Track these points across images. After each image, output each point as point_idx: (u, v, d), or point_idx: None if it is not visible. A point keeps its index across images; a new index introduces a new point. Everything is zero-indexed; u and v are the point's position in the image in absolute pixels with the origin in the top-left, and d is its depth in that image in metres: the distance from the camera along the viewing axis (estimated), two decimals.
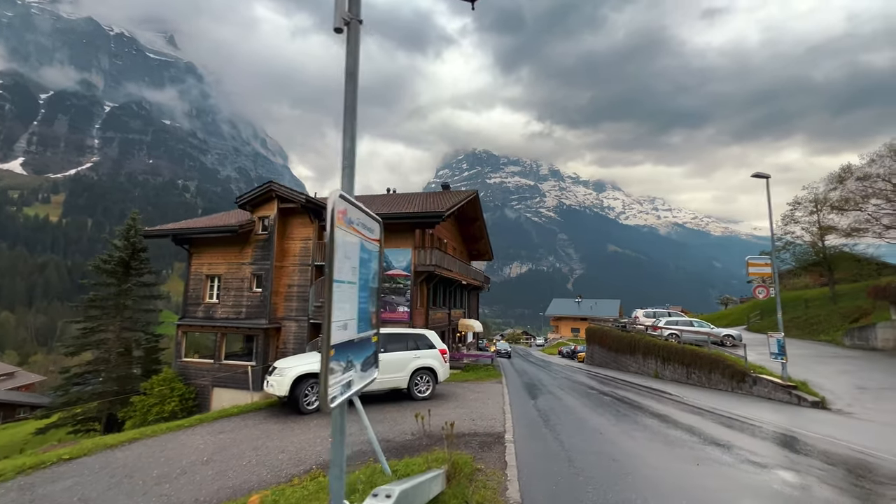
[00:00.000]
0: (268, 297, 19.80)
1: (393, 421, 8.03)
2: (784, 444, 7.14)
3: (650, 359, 20.98)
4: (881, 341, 19.61)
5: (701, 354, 16.19)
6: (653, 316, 26.57)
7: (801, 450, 6.69)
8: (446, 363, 10.90)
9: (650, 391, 14.43)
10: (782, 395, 11.54)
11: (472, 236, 33.57)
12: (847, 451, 6.67)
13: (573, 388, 14.53)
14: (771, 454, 6.33)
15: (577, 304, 79.47)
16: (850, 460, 6.16)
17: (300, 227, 21.01)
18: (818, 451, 6.62)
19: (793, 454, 6.44)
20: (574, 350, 44.53)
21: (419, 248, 21.03)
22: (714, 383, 14.97)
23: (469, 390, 12.26)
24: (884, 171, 26.98)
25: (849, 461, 6.11)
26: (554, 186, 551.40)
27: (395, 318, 20.39)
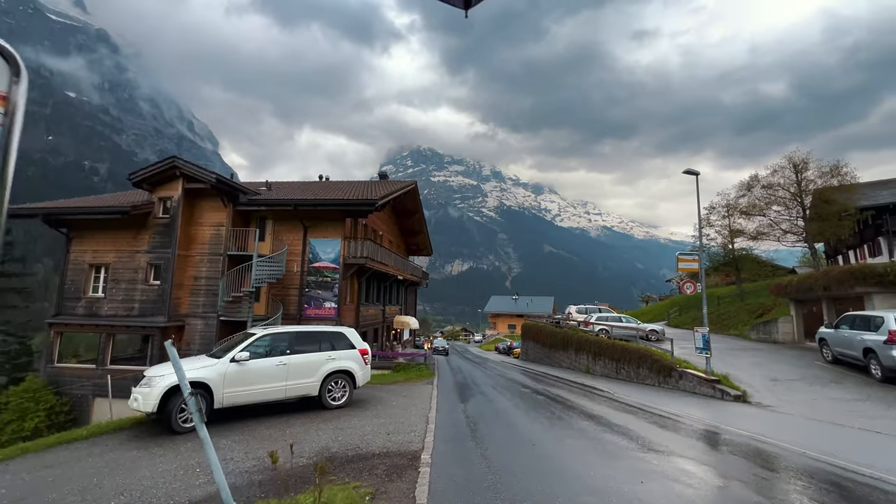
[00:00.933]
0: (167, 291, 17.07)
1: (291, 439, 6.59)
2: (719, 445, 6.77)
3: (582, 354, 21.13)
4: (781, 335, 21.34)
5: (630, 349, 16.35)
6: (585, 312, 27.13)
7: (736, 451, 6.30)
8: (367, 365, 9.58)
9: (582, 388, 14.17)
10: (707, 390, 11.66)
11: (411, 230, 32.31)
12: (776, 450, 6.39)
13: (507, 388, 13.86)
14: (711, 461, 5.83)
15: (514, 301, 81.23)
16: (780, 460, 5.84)
17: (211, 211, 18.44)
18: (751, 451, 6.27)
19: (730, 457, 6.00)
20: (510, 346, 44.95)
21: (350, 239, 19.38)
22: (642, 378, 15.10)
23: (395, 394, 11.05)
24: (783, 181, 29.82)
25: (778, 461, 5.77)
26: (496, 187, 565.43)
27: (322, 315, 18.61)
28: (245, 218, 19.44)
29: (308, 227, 19.35)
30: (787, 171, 29.63)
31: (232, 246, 18.21)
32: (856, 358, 12.57)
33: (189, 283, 18.00)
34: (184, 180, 17.63)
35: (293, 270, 19.13)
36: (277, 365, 8.21)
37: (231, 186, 18.16)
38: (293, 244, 19.32)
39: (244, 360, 7.83)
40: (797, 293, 19.36)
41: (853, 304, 16.21)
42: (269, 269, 17.68)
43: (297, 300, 18.87)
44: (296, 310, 18.75)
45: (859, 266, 15.55)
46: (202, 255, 18.19)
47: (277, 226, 19.60)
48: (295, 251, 19.24)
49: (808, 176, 28.87)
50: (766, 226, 30.77)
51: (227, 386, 7.61)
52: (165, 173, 17.59)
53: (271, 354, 8.34)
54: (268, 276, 17.63)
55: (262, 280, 17.39)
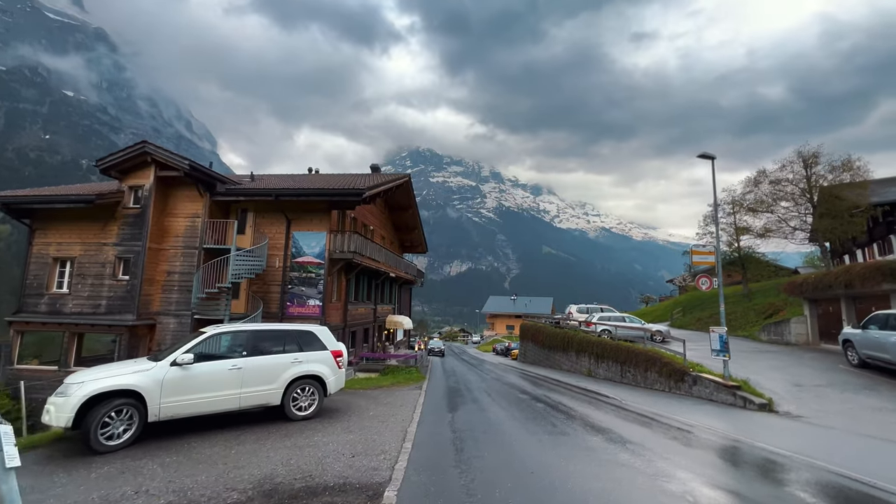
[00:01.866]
0: (137, 287, 15.77)
1: (234, 462, 5.33)
2: (766, 471, 5.52)
3: (583, 356, 19.89)
4: (794, 336, 20.13)
5: (636, 352, 15.11)
6: (586, 312, 25.89)
7: (789, 481, 5.06)
8: (342, 368, 8.31)
9: (586, 393, 12.92)
10: (726, 397, 10.41)
11: (405, 226, 31.04)
12: (838, 478, 5.15)
13: (503, 393, 12.59)
14: (763, 496, 4.58)
15: (512, 302, 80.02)
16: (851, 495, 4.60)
17: (186, 201, 17.15)
18: (811, 482, 5.03)
19: (784, 490, 4.76)
20: (508, 347, 43.72)
21: (336, 233, 18.11)
22: (650, 382, 13.85)
23: (376, 401, 9.78)
24: (793, 177, 28.66)
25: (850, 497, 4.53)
26: (494, 188, 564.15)
27: (306, 314, 17.33)
28: (224, 209, 18.16)
29: (291, 220, 18.08)
30: (797, 166, 28.48)
31: (209, 238, 16.91)
32: (889, 361, 11.36)
33: (161, 279, 16.70)
34: (156, 167, 16.34)
35: (275, 266, 17.85)
36: (230, 369, 6.94)
37: (208, 175, 16.88)
38: (275, 237, 18.04)
39: (188, 364, 6.56)
40: (813, 292, 18.15)
41: (877, 303, 15.00)
42: (248, 263, 16.41)
43: (279, 297, 17.59)
44: (278, 307, 17.47)
45: (887, 261, 14.35)
46: (176, 249, 16.90)
47: (259, 218, 18.32)
48: (277, 245, 17.97)
49: (819, 171, 27.74)
50: (773, 222, 29.63)
51: (167, 395, 6.34)
52: (135, 159, 16.30)
53: (224, 357, 7.07)
54: (247, 270, 16.36)
55: (240, 275, 16.12)
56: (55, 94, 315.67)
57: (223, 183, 17.57)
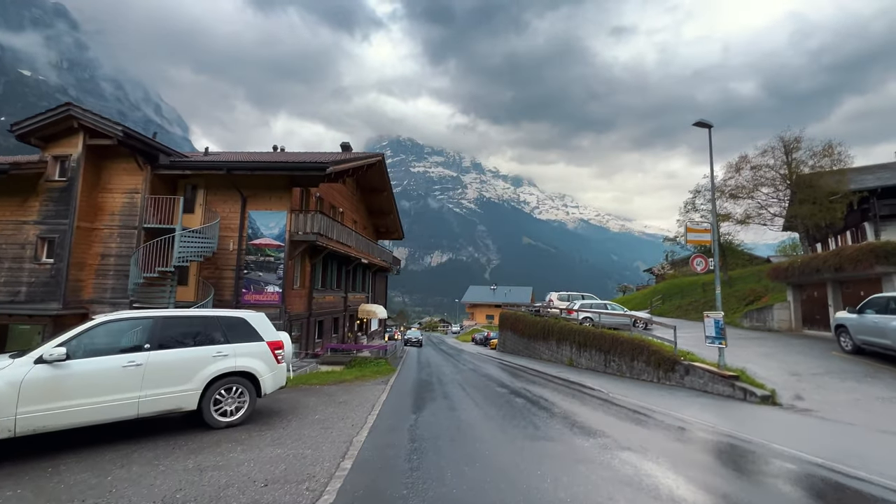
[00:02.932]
0: (63, 271, 13.77)
1: (104, 493, 3.84)
2: (805, 487, 4.40)
3: (565, 345, 18.92)
4: (777, 322, 19.67)
5: (622, 340, 14.12)
6: (567, 299, 24.99)
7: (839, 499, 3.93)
8: (281, 363, 6.83)
9: (569, 385, 11.82)
10: (722, 388, 9.43)
11: (380, 210, 29.37)
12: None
13: (479, 387, 11.35)
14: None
15: (492, 291, 79.37)
16: None
17: (123, 174, 15.13)
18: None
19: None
20: (487, 337, 42.84)
21: (298, 212, 16.42)
22: (637, 373, 12.88)
23: (329, 400, 8.34)
24: (773, 162, 28.30)
25: None
26: (475, 179, 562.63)
27: (263, 302, 15.66)
28: (170, 185, 16.19)
29: (248, 198, 16.26)
30: (778, 152, 28.14)
31: (151, 217, 14.96)
32: (888, 347, 10.63)
33: (94, 262, 14.71)
34: (85, 134, 14.24)
35: (228, 248, 16.06)
36: (125, 366, 5.38)
37: (148, 144, 14.85)
38: (229, 217, 16.22)
39: (59, 361, 4.97)
40: (799, 276, 17.58)
41: (866, 287, 14.41)
42: (195, 244, 14.59)
43: (233, 283, 15.84)
44: (232, 295, 15.73)
45: (881, 243, 13.71)
46: (112, 229, 14.90)
47: (210, 195, 16.43)
48: (231, 226, 16.16)
49: (800, 157, 27.46)
50: (754, 209, 29.33)
51: (27, 402, 4.75)
52: (60, 125, 14.13)
53: (119, 351, 5.50)
54: (194, 252, 14.55)
55: (186, 258, 14.30)
56: (10, 73, 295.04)
57: (168, 155, 15.58)
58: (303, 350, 17.33)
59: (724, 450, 5.61)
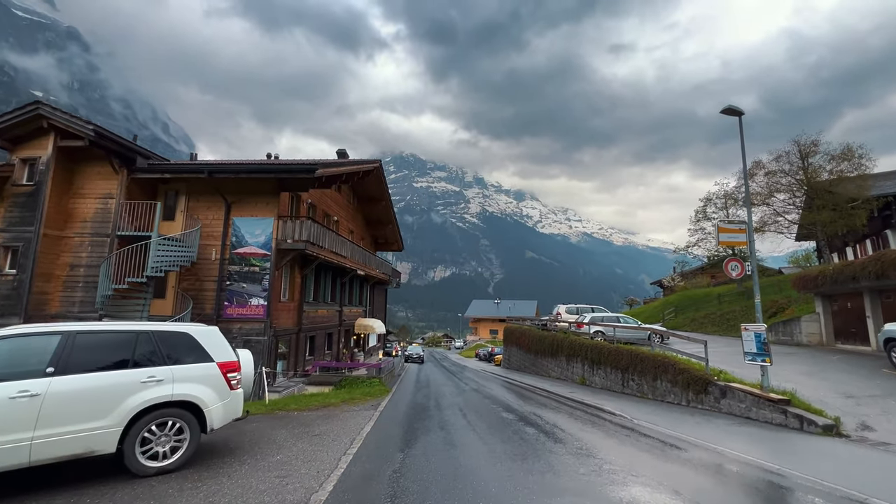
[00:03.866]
0: (26, 283, 12.58)
1: None
2: None
3: (576, 362, 17.42)
4: (806, 336, 18.13)
5: (642, 356, 12.66)
6: (576, 312, 23.51)
7: None
8: (237, 389, 5.51)
9: (585, 409, 10.37)
10: (771, 414, 7.98)
11: (377, 220, 28.24)
12: None
13: (482, 412, 9.92)
14: None
15: (496, 306, 77.68)
16: None
17: (97, 178, 14.07)
18: None
19: None
20: (491, 353, 41.18)
21: (285, 219, 15.24)
22: (661, 394, 11.39)
23: (302, 432, 6.96)
24: (789, 167, 27.09)
25: None
26: (478, 194, 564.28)
27: (247, 315, 14.39)
28: (150, 192, 15.10)
29: (232, 204, 15.13)
30: (793, 156, 26.96)
31: (126, 224, 13.82)
32: None
33: (63, 274, 13.53)
34: (56, 135, 13.23)
35: (210, 258, 14.85)
36: (14, 398, 4.09)
37: (123, 146, 13.81)
38: (212, 225, 15.06)
39: None
40: (831, 286, 16.13)
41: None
42: (172, 252, 13.40)
43: (214, 296, 14.58)
44: (213, 308, 14.45)
45: None
46: (83, 237, 13.76)
47: (193, 202, 15.31)
48: (214, 233, 14.98)
49: (817, 161, 26.24)
50: (769, 216, 27.98)
51: None
52: (28, 125, 13.14)
53: (11, 377, 4.21)
54: (170, 262, 13.34)
55: (161, 267, 13.08)
56: (22, 93, 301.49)
57: (146, 158, 14.53)
58: (290, 369, 15.94)
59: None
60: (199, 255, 14.61)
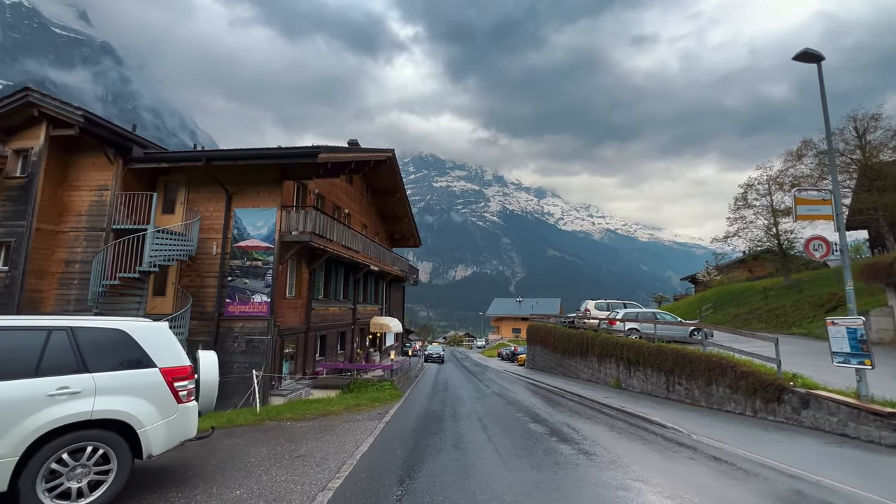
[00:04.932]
0: (19, 280, 11.88)
1: None
2: None
3: (609, 362, 15.74)
4: (876, 332, 15.84)
5: (691, 357, 10.93)
6: (606, 308, 21.69)
7: None
8: (188, 402, 4.27)
9: (627, 419, 8.78)
10: (880, 432, 6.24)
11: (392, 214, 27.07)
12: None
13: (505, 424, 8.46)
14: None
15: (518, 304, 75.74)
16: None
17: (92, 169, 13.31)
18: None
19: None
20: (514, 352, 39.52)
21: (289, 209, 14.16)
22: (718, 401, 9.67)
23: (280, 453, 5.70)
24: (843, 146, 24.44)
25: None
26: (498, 192, 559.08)
27: (250, 313, 13.38)
28: (149, 184, 14.27)
29: (233, 194, 14.15)
30: (848, 134, 24.30)
31: (123, 217, 13.00)
32: None
33: (58, 270, 12.82)
34: (48, 124, 12.50)
35: (211, 252, 13.91)
36: None
37: (117, 134, 12.99)
38: (213, 217, 14.12)
39: None
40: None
41: None
42: (169, 245, 12.49)
43: (215, 293, 13.63)
44: (214, 306, 13.49)
45: None
46: (78, 231, 13.02)
47: (193, 193, 14.42)
48: (215, 226, 14.03)
49: (878, 138, 23.54)
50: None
51: None
52: (19, 114, 12.45)
53: None
54: (168, 255, 12.43)
55: (156, 262, 12.17)
56: None
57: (143, 147, 13.70)
58: (298, 370, 14.87)
59: None
60: (199, 249, 13.71)
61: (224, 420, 7.42)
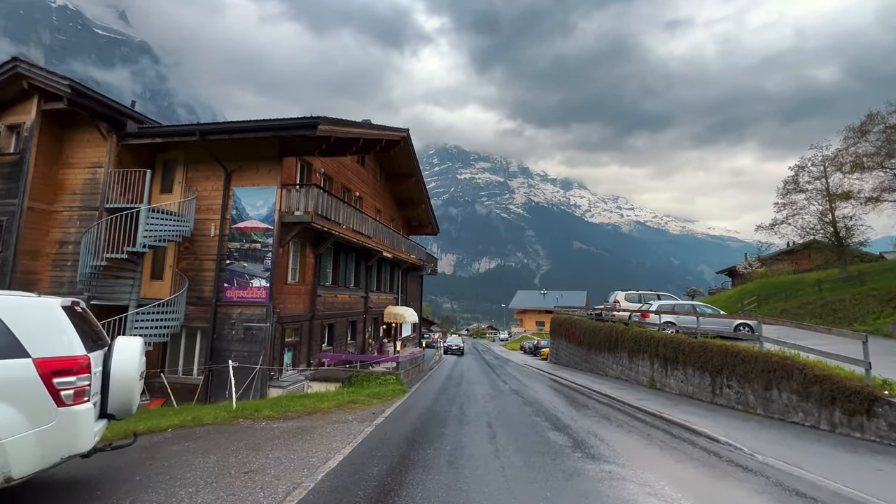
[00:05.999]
0: (10, 261, 11.35)
1: None
2: None
3: (641, 359, 14.10)
4: None
5: (745, 355, 9.23)
6: (638, 300, 19.85)
7: None
8: (75, 406, 3.15)
9: (667, 429, 7.28)
10: None
11: (409, 200, 25.87)
12: None
13: (519, 430, 7.13)
14: None
15: (542, 296, 73.67)
16: None
17: (86, 146, 12.65)
18: None
19: None
20: (537, 345, 37.95)
21: (289, 188, 13.14)
22: (780, 410, 8.00)
23: (225, 468, 4.59)
24: None
25: None
26: (523, 184, 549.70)
27: (248, 299, 12.50)
28: (147, 162, 13.53)
29: (232, 172, 13.25)
30: None
31: (117, 196, 12.28)
32: None
33: (52, 251, 12.26)
34: (40, 98, 11.86)
35: (209, 234, 13.08)
36: None
37: (109, 107, 12.22)
38: (211, 196, 13.27)
39: None
40: None
41: None
42: (163, 224, 11.71)
43: (213, 276, 12.81)
44: (212, 291, 12.68)
45: None
46: (73, 211, 12.41)
47: (191, 172, 13.61)
48: (213, 206, 13.19)
49: None
50: (889, 181, 22.40)
51: None
52: (11, 87, 11.84)
53: None
54: (160, 235, 11.65)
55: (148, 242, 11.41)
56: None
57: (139, 122, 12.94)
58: (303, 360, 13.96)
59: None
60: (197, 230, 12.91)
61: (189, 418, 6.43)
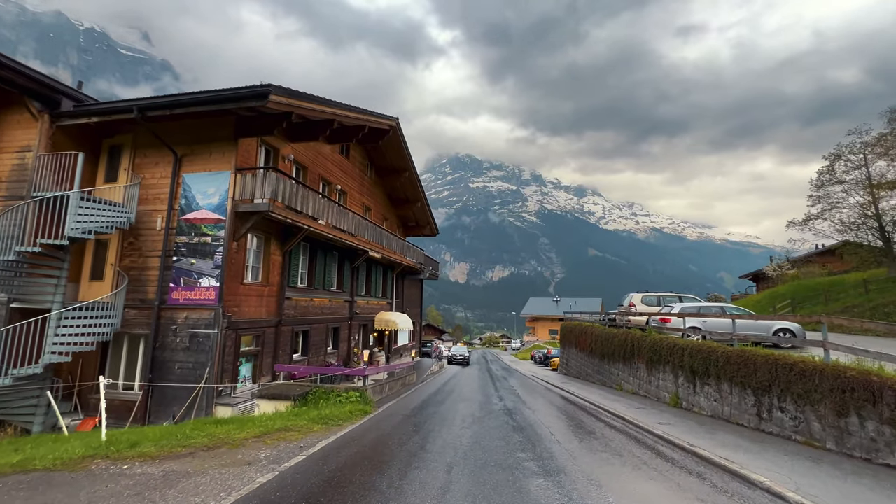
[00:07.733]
0: None
1: None
2: None
3: (663, 371, 11.79)
4: None
5: (803, 368, 6.95)
6: (657, 303, 17.49)
7: None
8: None
9: (703, 470, 5.08)
10: None
11: (403, 197, 24.01)
12: None
13: (486, 476, 5.05)
14: None
15: (555, 304, 70.81)
16: None
17: (16, 128, 11.14)
18: None
19: None
20: (547, 355, 35.48)
21: (244, 172, 11.38)
22: (865, 445, 5.72)
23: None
24: None
25: None
26: (536, 191, 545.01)
27: (196, 301, 10.69)
28: (90, 147, 11.98)
29: (183, 157, 11.56)
30: None
31: (50, 183, 10.65)
32: None
33: None
34: None
35: (155, 227, 11.37)
36: None
37: (37, 81, 10.69)
38: (159, 185, 11.59)
39: None
40: None
41: None
42: (96, 214, 10.04)
43: (158, 275, 11.06)
44: (157, 291, 10.93)
45: None
46: (0, 201, 10.87)
47: (139, 158, 11.98)
48: (161, 196, 11.50)
49: None
50: None
51: None
52: None
53: None
54: (92, 226, 9.97)
55: (74, 234, 9.73)
56: None
57: (76, 101, 11.40)
58: (265, 373, 12.05)
59: None
60: (142, 223, 11.24)
61: (16, 459, 4.53)
